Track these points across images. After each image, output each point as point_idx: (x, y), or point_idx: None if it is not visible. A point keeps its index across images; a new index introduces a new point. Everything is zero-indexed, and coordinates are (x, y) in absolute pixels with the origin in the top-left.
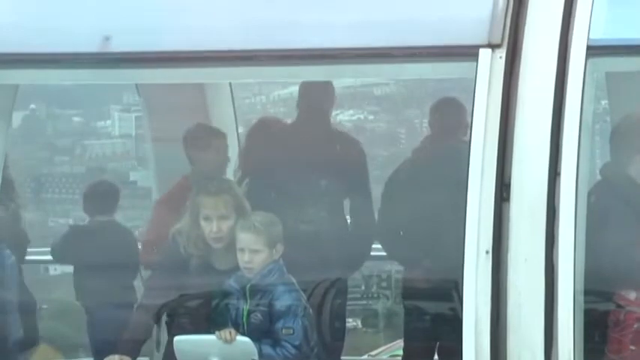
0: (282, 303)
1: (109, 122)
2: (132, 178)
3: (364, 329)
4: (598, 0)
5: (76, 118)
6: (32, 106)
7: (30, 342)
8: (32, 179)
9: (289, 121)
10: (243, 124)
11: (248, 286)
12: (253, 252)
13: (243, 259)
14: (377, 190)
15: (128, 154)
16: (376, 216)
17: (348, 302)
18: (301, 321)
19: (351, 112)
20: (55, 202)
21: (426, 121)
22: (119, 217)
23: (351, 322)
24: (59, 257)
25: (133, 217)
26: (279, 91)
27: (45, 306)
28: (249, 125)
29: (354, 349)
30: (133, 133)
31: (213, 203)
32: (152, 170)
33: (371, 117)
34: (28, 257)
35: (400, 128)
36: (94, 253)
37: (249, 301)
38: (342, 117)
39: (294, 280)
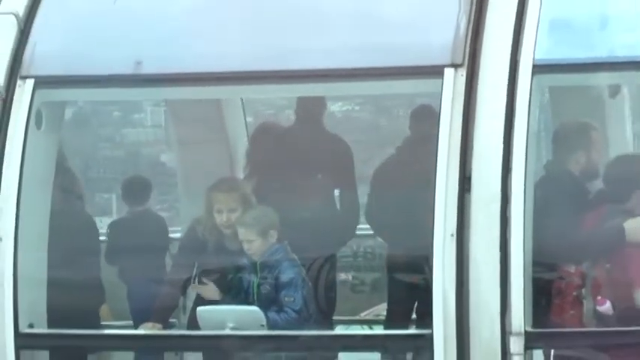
0: (285, 276)
1: (142, 114)
2: (162, 159)
3: (354, 295)
4: (542, 26)
5: (115, 112)
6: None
7: (99, 300)
8: (81, 162)
9: (288, 124)
10: None
11: (258, 263)
12: (249, 241)
13: (244, 247)
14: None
15: (158, 141)
16: (363, 202)
17: (341, 272)
18: (301, 291)
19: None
20: (100, 180)
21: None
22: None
23: (342, 290)
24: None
25: (162, 189)
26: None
27: None
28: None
29: (346, 312)
30: (163, 124)
31: (224, 198)
32: (176, 150)
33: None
34: None
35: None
36: (132, 238)
37: (259, 274)
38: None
39: (296, 257)
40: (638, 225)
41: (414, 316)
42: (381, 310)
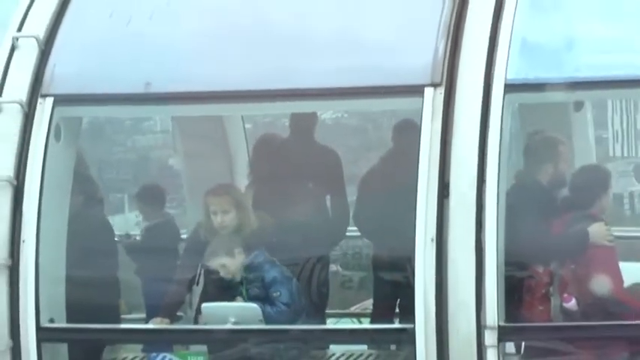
0: (269, 275)
1: (152, 122)
2: (169, 163)
3: (344, 290)
4: (513, 49)
5: (127, 120)
6: None
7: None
8: (97, 165)
9: (284, 136)
10: None
11: (242, 271)
12: (223, 267)
13: (222, 273)
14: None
15: (166, 145)
16: (351, 207)
17: (332, 270)
18: (286, 286)
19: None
20: (114, 181)
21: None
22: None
23: (333, 285)
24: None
25: (170, 189)
26: None
27: None
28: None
29: (337, 306)
30: (170, 129)
31: (218, 201)
32: (182, 160)
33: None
34: None
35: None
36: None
37: (244, 282)
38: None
39: (275, 259)
40: (600, 229)
41: (397, 310)
42: (369, 304)
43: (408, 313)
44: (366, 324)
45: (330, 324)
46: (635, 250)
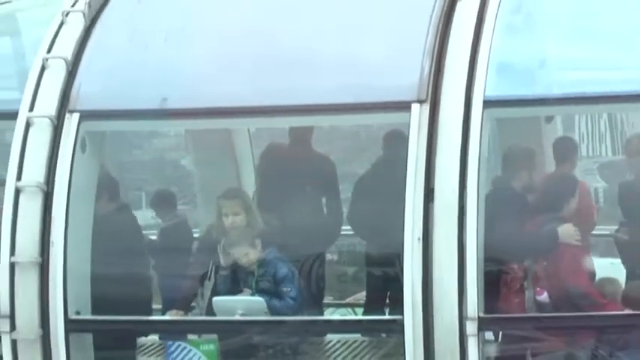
0: (281, 272)
1: (166, 127)
2: (182, 163)
3: (340, 284)
4: (491, 69)
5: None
6: None
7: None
8: (118, 166)
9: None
10: None
11: (256, 265)
12: (245, 255)
13: (242, 262)
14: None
15: (179, 147)
16: (345, 209)
17: (328, 266)
18: (295, 283)
19: None
20: (132, 179)
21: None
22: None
23: (330, 279)
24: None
25: (182, 188)
26: None
27: None
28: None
29: (333, 297)
30: (183, 133)
31: (229, 204)
32: (193, 160)
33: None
34: None
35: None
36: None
37: (256, 273)
38: None
39: (285, 258)
40: (569, 230)
41: (387, 302)
42: (361, 296)
43: (397, 305)
44: (359, 314)
45: (328, 313)
46: (601, 246)
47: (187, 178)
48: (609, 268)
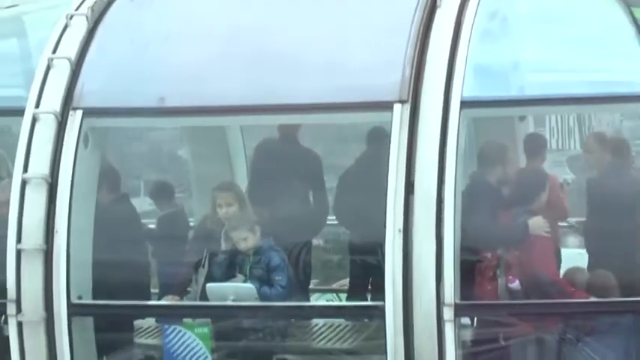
0: (274, 262)
1: None
2: (179, 153)
3: (325, 270)
4: (468, 72)
5: None
6: None
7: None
8: (118, 155)
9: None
10: None
11: (252, 252)
12: (244, 240)
13: (240, 246)
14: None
15: (175, 139)
16: (331, 201)
17: (314, 254)
18: (285, 272)
19: None
20: (132, 168)
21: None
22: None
23: (316, 266)
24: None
25: (178, 177)
26: None
27: None
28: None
29: (319, 283)
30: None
31: (223, 196)
32: (189, 154)
33: None
34: None
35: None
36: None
37: (251, 260)
38: None
39: (279, 248)
40: (539, 222)
41: (369, 287)
42: (346, 282)
43: (379, 292)
44: (343, 299)
45: (314, 298)
46: (570, 237)
47: (183, 167)
48: (577, 257)
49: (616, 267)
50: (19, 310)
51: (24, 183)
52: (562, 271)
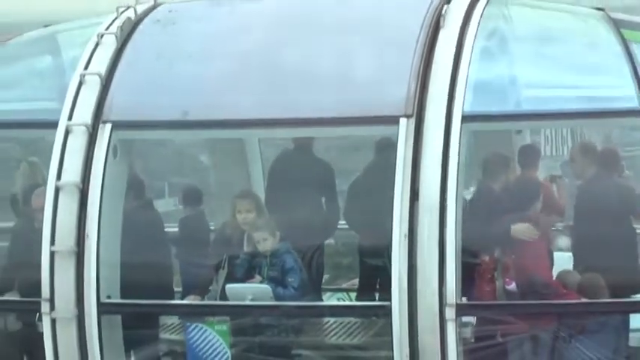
0: (288, 265)
1: None
2: (200, 158)
3: (337, 271)
4: (469, 89)
5: None
6: None
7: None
8: (144, 158)
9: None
10: None
11: (269, 255)
12: (264, 240)
13: (259, 246)
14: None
15: (197, 144)
16: (342, 206)
17: (326, 256)
18: (299, 274)
19: None
20: (156, 171)
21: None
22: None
23: (328, 267)
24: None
25: (199, 177)
26: None
27: None
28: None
29: (331, 283)
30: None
31: (242, 202)
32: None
33: None
34: None
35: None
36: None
37: (268, 263)
38: None
39: (294, 252)
40: (522, 227)
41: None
42: (356, 282)
43: (386, 292)
44: (353, 297)
45: (326, 297)
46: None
47: (204, 170)
48: (569, 261)
49: (598, 270)
50: (52, 307)
51: (57, 190)
52: (554, 273)
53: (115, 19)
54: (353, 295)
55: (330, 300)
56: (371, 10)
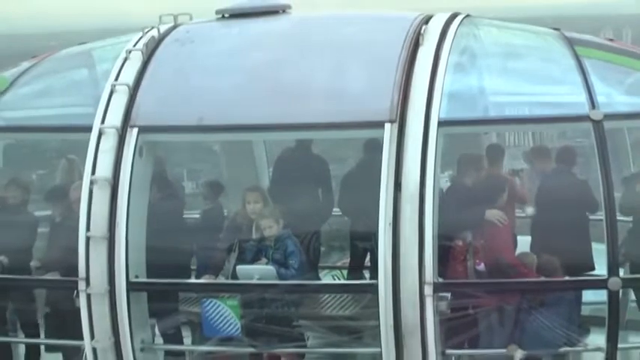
0: (290, 248)
1: None
2: (214, 148)
3: (331, 251)
4: (444, 97)
5: None
6: None
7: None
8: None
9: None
10: None
11: (273, 240)
12: (270, 227)
13: (265, 232)
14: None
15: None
16: (335, 196)
17: (322, 239)
18: (299, 257)
19: None
20: (176, 159)
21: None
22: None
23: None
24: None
25: (213, 163)
26: None
27: None
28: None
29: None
30: None
31: (252, 195)
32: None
33: None
34: None
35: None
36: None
37: (273, 247)
38: None
39: (294, 237)
40: (494, 212)
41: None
42: (346, 261)
43: (373, 271)
44: (345, 274)
45: (323, 274)
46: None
47: (217, 158)
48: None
49: (553, 252)
50: (87, 285)
51: (92, 184)
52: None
53: (141, 37)
54: (345, 272)
55: (326, 277)
56: (360, 31)
